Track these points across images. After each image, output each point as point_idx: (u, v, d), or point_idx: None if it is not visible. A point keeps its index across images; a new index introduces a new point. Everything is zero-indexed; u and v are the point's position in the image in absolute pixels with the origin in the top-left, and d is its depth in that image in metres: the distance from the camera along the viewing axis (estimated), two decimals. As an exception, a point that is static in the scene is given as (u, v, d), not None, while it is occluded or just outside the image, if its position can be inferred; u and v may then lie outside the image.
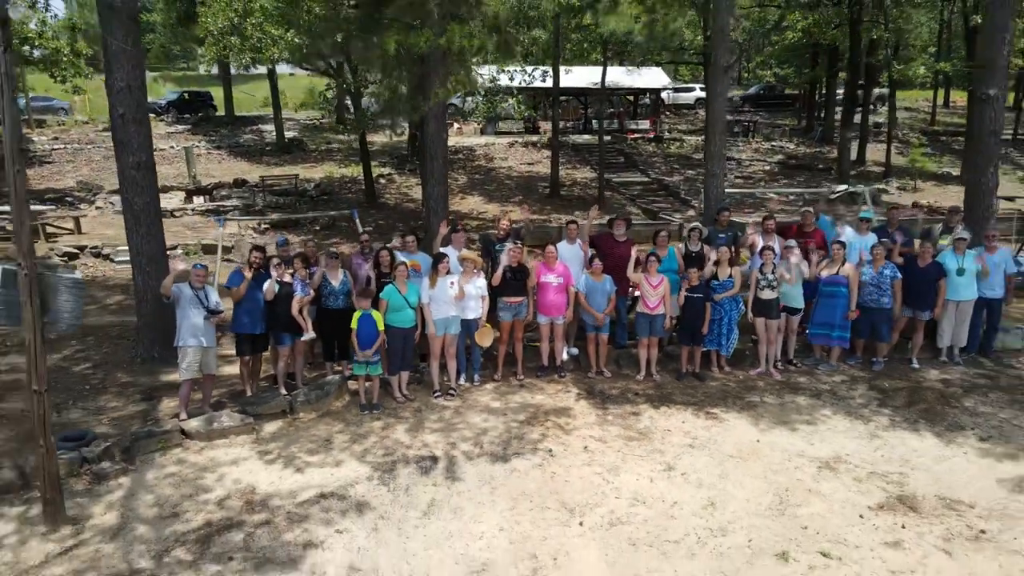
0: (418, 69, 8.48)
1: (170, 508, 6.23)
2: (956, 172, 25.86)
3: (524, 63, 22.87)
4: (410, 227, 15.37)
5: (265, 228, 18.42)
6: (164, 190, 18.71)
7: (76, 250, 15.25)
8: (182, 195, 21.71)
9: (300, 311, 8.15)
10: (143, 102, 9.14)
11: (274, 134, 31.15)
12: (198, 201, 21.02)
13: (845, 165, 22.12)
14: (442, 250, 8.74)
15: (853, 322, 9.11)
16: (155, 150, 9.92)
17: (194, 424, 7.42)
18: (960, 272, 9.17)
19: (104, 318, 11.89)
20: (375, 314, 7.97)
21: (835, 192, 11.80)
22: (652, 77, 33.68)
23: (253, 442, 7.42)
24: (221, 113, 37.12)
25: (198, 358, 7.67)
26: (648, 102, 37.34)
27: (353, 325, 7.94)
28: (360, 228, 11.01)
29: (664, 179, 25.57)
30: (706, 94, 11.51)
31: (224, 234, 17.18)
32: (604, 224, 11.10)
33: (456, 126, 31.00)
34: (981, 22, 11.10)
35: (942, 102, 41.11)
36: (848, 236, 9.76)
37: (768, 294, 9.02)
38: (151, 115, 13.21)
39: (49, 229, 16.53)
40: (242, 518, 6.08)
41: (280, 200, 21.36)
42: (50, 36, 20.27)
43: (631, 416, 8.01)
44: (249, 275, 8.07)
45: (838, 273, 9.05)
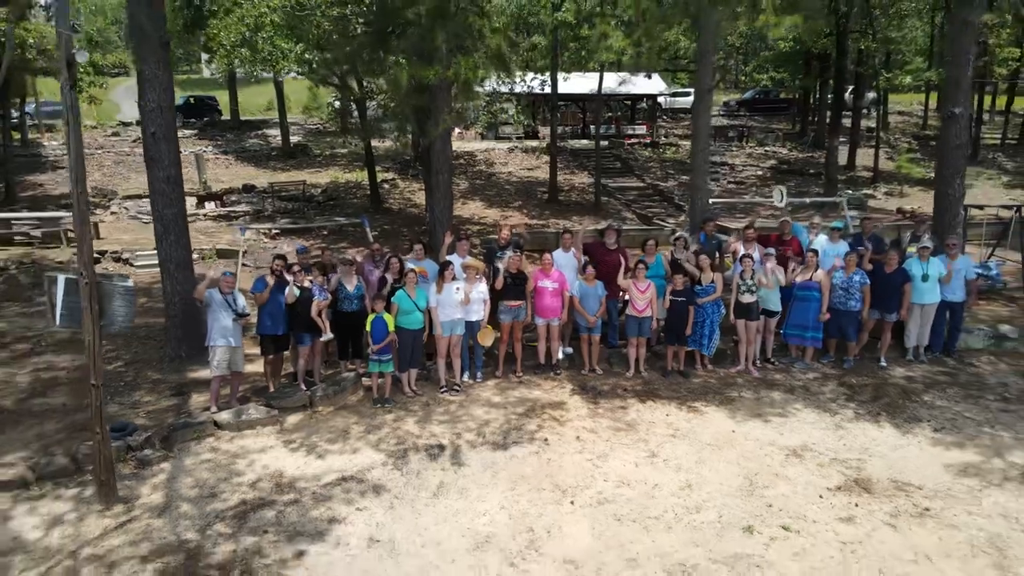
0: (427, 97, 9.29)
1: (208, 489, 7.03)
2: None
3: (524, 70, 23.67)
4: (415, 236, 16.15)
5: (276, 233, 19.19)
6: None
7: (97, 255, 16.01)
8: (194, 200, 22.46)
9: (319, 314, 8.95)
10: (172, 121, 9.93)
11: (279, 139, 31.96)
12: (209, 207, 21.79)
13: (832, 171, 22.91)
14: (448, 258, 9.53)
15: (825, 323, 9.91)
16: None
17: (225, 416, 8.22)
18: (924, 278, 9.96)
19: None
20: (387, 317, 8.77)
21: (778, 209, 12.46)
22: (648, 83, 34.46)
23: (278, 432, 8.22)
24: (226, 117, 37.97)
25: (227, 357, 8.46)
26: (645, 106, 38.12)
27: (367, 327, 8.75)
28: (370, 236, 11.79)
29: (659, 184, 26.37)
30: (691, 114, 12.28)
31: (239, 239, 18.02)
32: (598, 231, 11.89)
33: (457, 131, 31.81)
34: (947, 44, 11.85)
35: (935, 105, 41.88)
36: (822, 244, 10.57)
37: (748, 298, 9.81)
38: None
39: (71, 234, 17.30)
40: (273, 498, 6.88)
41: (288, 205, 22.15)
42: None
43: (620, 409, 8.81)
44: (272, 281, 8.86)
45: (811, 279, 9.84)
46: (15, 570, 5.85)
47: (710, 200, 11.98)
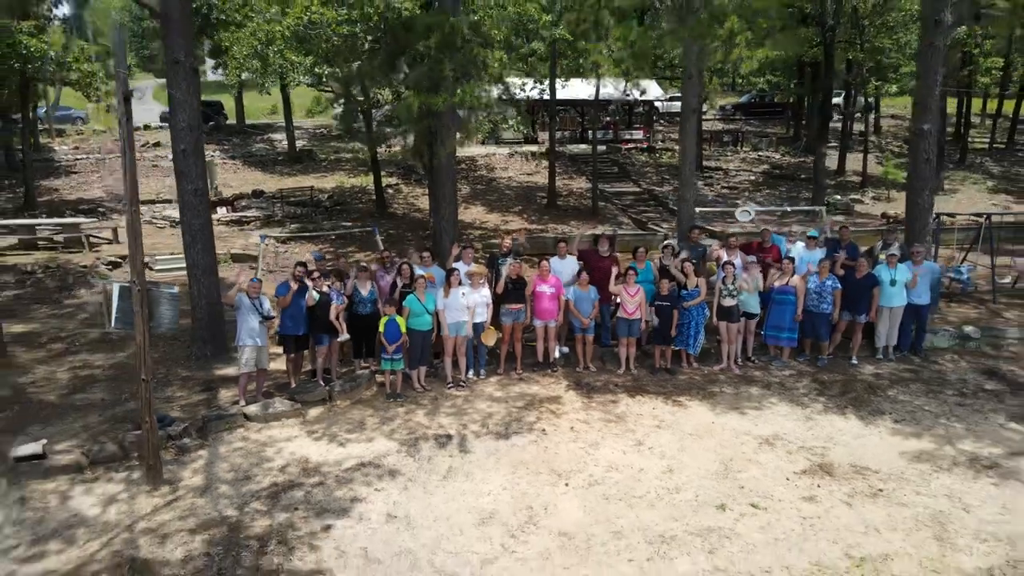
0: (434, 121, 10.16)
1: (243, 473, 7.90)
2: (929, 182, 27.49)
3: (524, 77, 24.48)
4: (420, 243, 17.03)
5: (286, 238, 20.03)
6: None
7: (119, 259, 16.86)
8: (206, 206, 23.30)
9: (336, 316, 9.82)
10: (200, 139, 10.80)
11: (284, 143, 32.80)
12: (221, 212, 22.60)
13: (820, 177, 23.75)
14: (454, 265, 10.40)
15: (800, 324, 10.78)
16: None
17: (253, 409, 9.09)
18: (892, 283, 10.83)
19: (154, 321, 13.55)
20: (399, 319, 9.64)
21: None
22: (646, 90, 35.23)
23: (301, 424, 9.09)
24: (232, 121, 38.82)
25: (254, 355, 9.33)
26: (642, 111, 38.92)
27: (381, 328, 9.62)
28: (381, 245, 12.66)
29: (654, 189, 27.23)
30: (679, 133, 13.13)
31: (251, 243, 18.90)
32: (594, 236, 12.77)
33: (458, 135, 32.60)
34: (916, 66, 12.74)
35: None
36: (799, 252, 11.44)
37: (729, 301, 10.67)
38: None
39: (91, 240, 18.16)
40: (300, 480, 7.75)
41: (297, 211, 23.00)
42: (84, 60, 22.02)
43: (610, 403, 9.68)
44: (295, 286, 9.73)
45: (787, 284, 10.71)
46: (80, 541, 6.72)
47: (696, 210, 12.86)
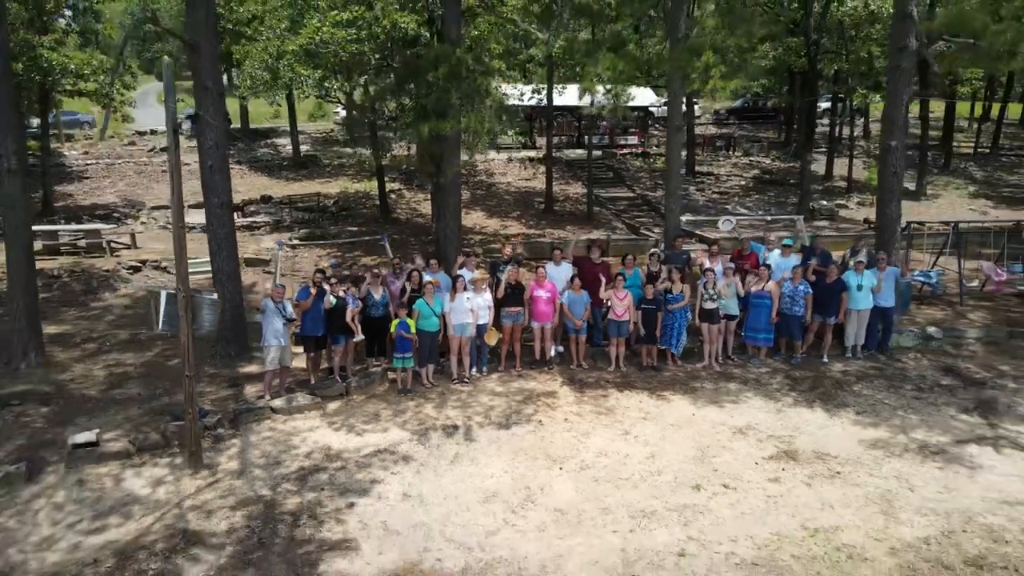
0: (441, 144, 11.17)
1: (273, 458, 8.88)
2: (912, 187, 28.46)
3: (523, 82, 25.45)
4: (424, 248, 18.02)
5: (295, 244, 20.97)
6: (198, 206, 21.08)
7: (139, 263, 17.83)
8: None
9: (352, 319, 10.80)
10: (226, 157, 11.77)
11: (288, 147, 33.75)
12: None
13: (806, 183, 24.74)
14: (459, 272, 11.39)
15: (776, 326, 11.78)
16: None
17: (278, 403, 10.08)
18: (859, 288, 11.83)
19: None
20: (409, 321, 10.63)
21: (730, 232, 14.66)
22: (640, 95, 36.20)
23: (321, 416, 10.07)
24: (236, 125, 39.69)
25: (278, 354, 10.31)
26: (638, 115, 39.86)
27: (392, 330, 10.61)
28: (390, 252, 13.63)
29: (648, 194, 28.20)
30: (666, 147, 14.11)
31: (262, 248, 19.86)
32: (588, 240, 13.74)
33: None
34: (886, 85, 13.74)
35: (916, 112, 43.57)
36: (775, 259, 12.44)
37: (710, 304, 11.67)
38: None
39: (113, 245, 19.10)
40: (324, 465, 8.74)
41: (304, 216, 23.96)
42: (101, 72, 22.97)
43: (601, 397, 10.67)
44: (314, 291, 10.70)
45: (764, 289, 11.71)
46: (136, 515, 7.70)
47: (687, 217, 13.86)
